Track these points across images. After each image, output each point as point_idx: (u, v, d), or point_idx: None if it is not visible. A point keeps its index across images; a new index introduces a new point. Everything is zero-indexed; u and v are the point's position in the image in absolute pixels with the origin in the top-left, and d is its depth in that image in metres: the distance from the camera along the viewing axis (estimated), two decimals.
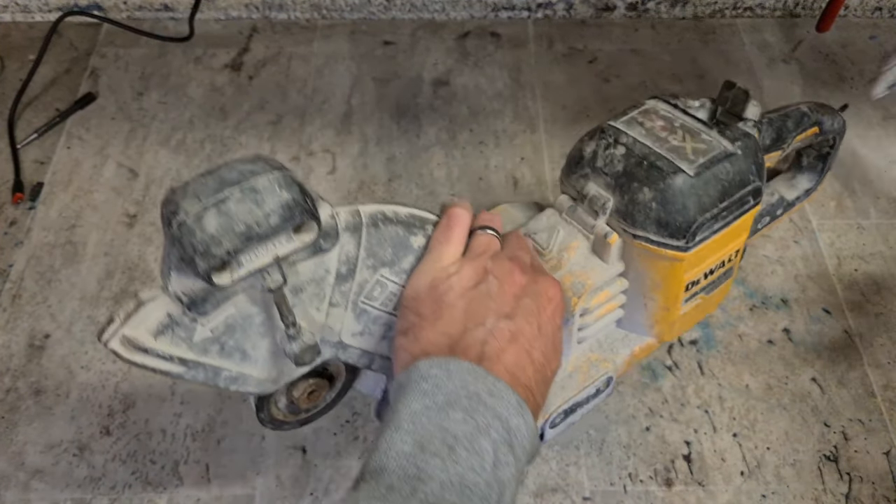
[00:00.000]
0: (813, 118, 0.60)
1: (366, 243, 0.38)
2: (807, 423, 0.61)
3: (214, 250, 0.31)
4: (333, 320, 0.39)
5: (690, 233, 0.48)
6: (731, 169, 0.48)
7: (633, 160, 0.49)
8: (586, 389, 0.52)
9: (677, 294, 0.53)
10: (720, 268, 0.55)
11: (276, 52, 0.90)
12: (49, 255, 0.71)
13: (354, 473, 0.58)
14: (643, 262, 0.51)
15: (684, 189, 0.47)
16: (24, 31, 0.92)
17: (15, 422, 0.61)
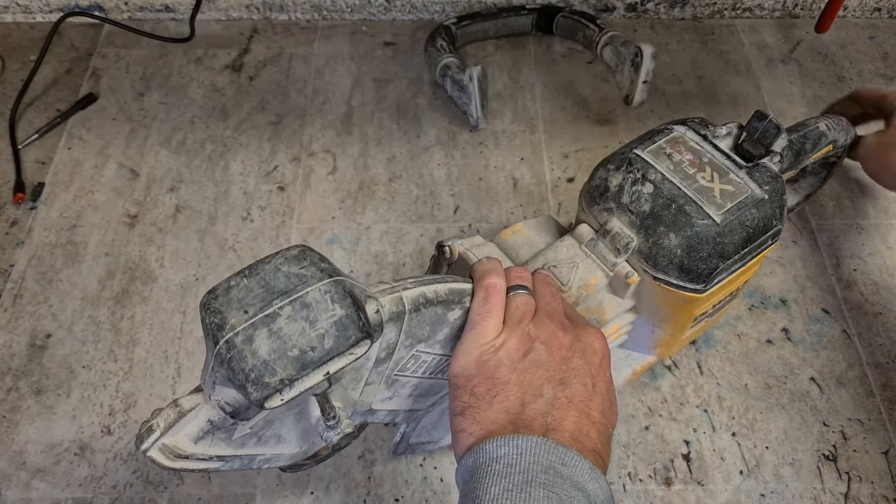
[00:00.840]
0: (830, 137, 0.59)
1: (406, 328, 0.37)
2: (806, 422, 0.61)
3: (268, 379, 0.29)
4: (367, 396, 0.39)
5: (710, 278, 0.48)
6: (757, 215, 0.48)
7: (661, 201, 0.48)
8: None
9: (686, 324, 0.54)
10: (729, 298, 0.55)
11: (277, 53, 0.90)
12: (50, 255, 0.71)
13: (355, 473, 0.58)
14: (658, 298, 0.51)
15: (710, 238, 0.47)
16: (25, 31, 0.92)
17: (16, 421, 0.61)
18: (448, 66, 0.79)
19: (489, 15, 0.89)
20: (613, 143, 0.81)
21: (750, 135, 0.50)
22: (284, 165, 0.79)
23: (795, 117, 0.84)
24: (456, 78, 0.78)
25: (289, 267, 0.32)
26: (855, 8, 0.94)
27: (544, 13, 0.88)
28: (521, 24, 0.89)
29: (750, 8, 0.94)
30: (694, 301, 0.50)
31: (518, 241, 0.54)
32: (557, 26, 0.88)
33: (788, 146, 0.54)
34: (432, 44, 0.84)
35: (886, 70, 0.89)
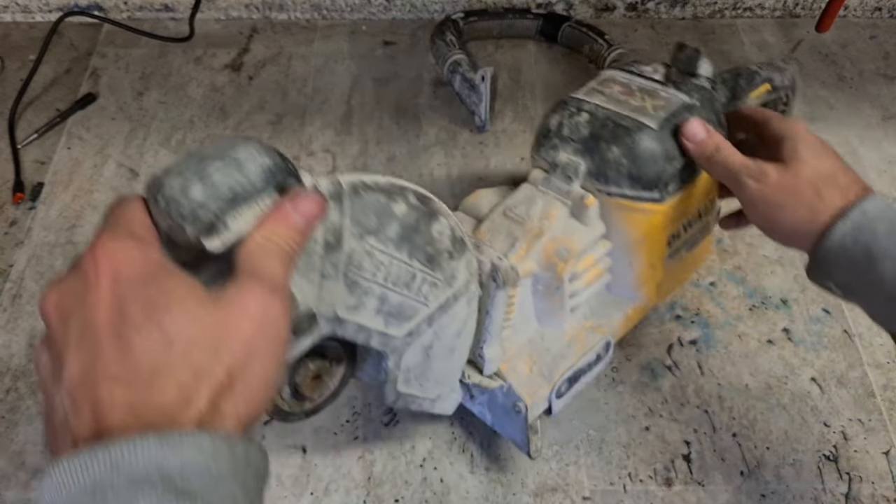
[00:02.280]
0: (763, 75, 0.62)
1: (349, 211, 0.38)
2: (806, 422, 0.61)
3: (201, 214, 0.31)
4: (327, 293, 0.39)
5: (663, 183, 0.50)
6: (691, 117, 0.51)
7: (598, 123, 0.51)
8: (586, 356, 0.53)
9: (660, 250, 0.54)
10: (697, 220, 0.56)
11: (277, 53, 0.90)
12: (49, 255, 0.71)
13: (354, 473, 0.58)
14: (622, 220, 0.52)
15: (651, 141, 0.49)
16: (24, 31, 0.92)
17: (15, 421, 0.61)
18: (458, 62, 0.78)
19: (496, 14, 0.89)
20: None
21: (676, 66, 0.54)
22: None
23: (796, 117, 0.84)
24: (467, 76, 0.77)
25: (223, 142, 0.34)
26: (856, 7, 0.94)
27: (551, 20, 0.87)
28: (525, 28, 0.89)
29: (751, 7, 0.94)
30: (656, 215, 0.51)
31: (480, 202, 0.56)
32: (563, 35, 0.87)
33: (722, 82, 0.58)
34: (441, 37, 0.83)
35: (887, 69, 0.89)
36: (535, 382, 0.52)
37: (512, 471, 0.58)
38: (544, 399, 0.52)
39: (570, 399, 0.54)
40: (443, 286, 0.45)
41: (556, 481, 0.58)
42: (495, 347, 0.51)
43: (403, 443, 0.60)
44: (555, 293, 0.52)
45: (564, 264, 0.50)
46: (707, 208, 0.56)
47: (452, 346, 0.48)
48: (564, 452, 0.59)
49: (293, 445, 0.60)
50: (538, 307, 0.55)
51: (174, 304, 0.27)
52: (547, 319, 0.55)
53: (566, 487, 0.57)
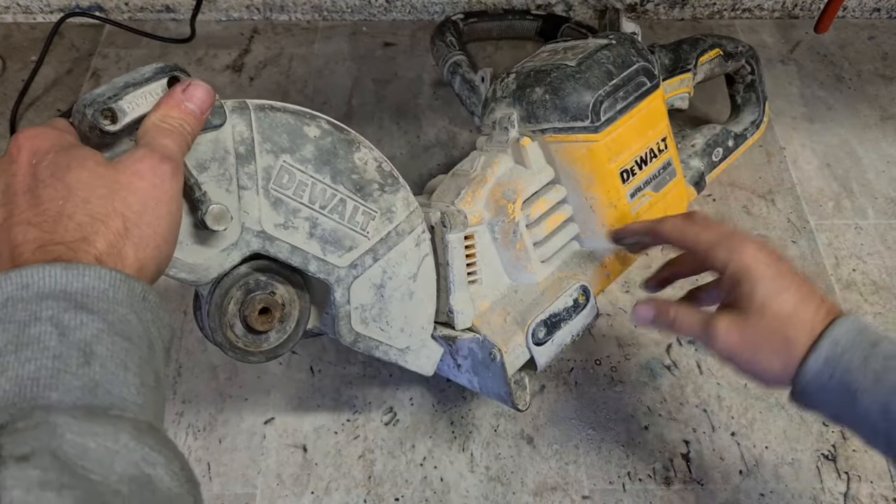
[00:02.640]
0: (709, 41, 0.66)
1: (257, 126, 0.41)
2: (805, 422, 0.61)
3: (98, 99, 0.35)
4: (247, 205, 0.41)
5: (592, 111, 0.52)
6: (609, 54, 0.54)
7: (523, 76, 0.55)
8: (561, 299, 0.53)
9: (614, 186, 0.54)
10: (653, 157, 0.56)
11: (277, 54, 0.90)
12: None
13: (355, 472, 0.58)
14: (565, 159, 0.54)
15: (570, 76, 0.53)
16: (25, 31, 0.92)
17: None
18: (458, 63, 0.79)
19: (496, 15, 0.89)
20: None
21: (601, 29, 0.58)
22: None
23: (794, 118, 0.84)
24: (467, 77, 0.78)
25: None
26: (854, 8, 0.94)
27: (550, 21, 0.88)
28: (525, 29, 0.89)
29: (749, 8, 0.94)
30: (596, 144, 0.53)
31: (439, 182, 0.59)
32: (562, 36, 0.87)
33: (662, 48, 0.63)
34: (441, 38, 0.83)
35: (885, 70, 0.89)
36: (508, 330, 0.52)
37: (512, 470, 0.59)
38: (521, 346, 0.52)
39: (554, 350, 0.53)
40: (381, 219, 0.47)
41: (555, 480, 0.58)
42: (463, 299, 0.52)
43: (404, 442, 0.60)
44: (513, 239, 0.53)
45: (514, 205, 0.52)
46: (661, 148, 0.57)
47: (409, 290, 0.49)
48: (564, 451, 0.59)
49: (294, 444, 0.60)
50: (504, 259, 0.55)
51: (76, 165, 0.32)
52: (517, 273, 0.55)
53: (566, 486, 0.58)
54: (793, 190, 0.77)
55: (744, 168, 0.79)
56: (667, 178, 0.58)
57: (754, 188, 0.77)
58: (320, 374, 0.64)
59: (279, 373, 0.64)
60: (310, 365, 0.64)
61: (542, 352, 0.53)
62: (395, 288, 0.49)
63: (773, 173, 0.79)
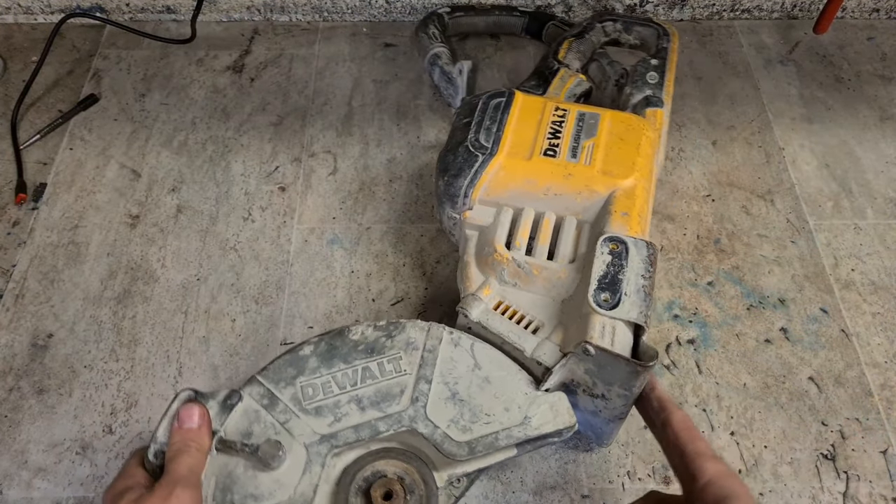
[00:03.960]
0: (556, 43, 0.76)
1: (266, 380, 0.49)
2: (804, 421, 0.62)
3: (149, 450, 0.45)
4: (297, 429, 0.47)
5: (476, 146, 0.60)
6: (458, 119, 0.64)
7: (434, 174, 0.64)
8: (597, 263, 0.53)
9: (545, 163, 0.60)
10: (561, 123, 0.62)
11: (278, 54, 0.90)
12: (52, 256, 0.72)
13: None
14: (499, 191, 0.60)
15: (443, 159, 0.62)
16: (26, 32, 0.92)
17: (18, 421, 0.61)
18: (438, 55, 0.80)
19: (482, 10, 0.89)
20: None
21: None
22: (285, 166, 0.79)
23: (794, 118, 0.84)
24: (445, 69, 0.79)
25: None
26: (853, 9, 0.94)
27: (536, 18, 0.88)
28: (512, 25, 0.89)
29: (748, 9, 0.94)
30: (505, 162, 0.59)
31: None
32: (546, 34, 0.87)
33: (532, 74, 0.74)
34: (424, 30, 0.84)
35: (885, 70, 0.89)
36: (582, 326, 0.50)
37: (511, 469, 0.59)
38: (606, 326, 0.49)
39: (638, 298, 0.50)
40: (407, 354, 0.50)
41: (555, 479, 0.58)
42: (534, 345, 0.51)
43: None
44: (526, 272, 0.56)
45: (498, 253, 0.56)
46: (561, 115, 0.62)
47: (481, 377, 0.50)
48: (564, 451, 0.60)
49: None
50: (538, 291, 0.56)
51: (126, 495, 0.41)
52: (557, 290, 0.55)
53: (565, 486, 0.58)
54: (792, 190, 0.78)
55: (743, 168, 0.79)
56: (591, 121, 0.62)
57: (753, 188, 0.78)
58: None
59: None
60: None
61: (626, 307, 0.49)
62: (466, 386, 0.49)
63: (772, 173, 0.79)
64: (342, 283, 0.70)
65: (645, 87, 0.69)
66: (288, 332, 0.66)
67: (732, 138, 0.82)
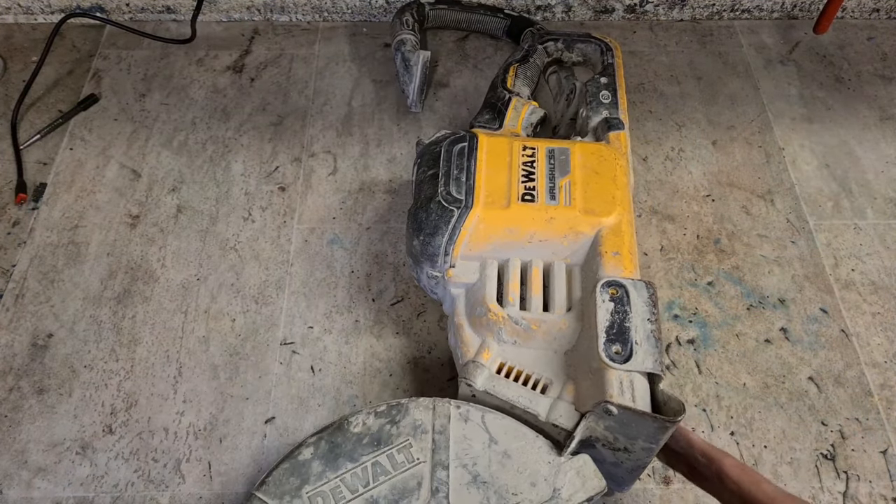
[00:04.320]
0: (501, 69, 0.75)
1: (267, 495, 0.46)
2: (804, 421, 0.62)
3: None
4: None
5: (449, 199, 0.57)
6: (419, 168, 0.62)
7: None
8: (601, 312, 0.52)
9: (523, 210, 0.57)
10: (532, 164, 0.59)
11: (278, 55, 0.90)
12: (52, 255, 0.72)
13: None
14: (480, 244, 0.57)
15: (413, 216, 0.59)
16: (26, 32, 0.92)
17: (18, 420, 0.61)
18: (403, 41, 0.82)
19: (466, 6, 0.89)
20: None
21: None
22: (285, 166, 0.79)
23: (794, 118, 0.84)
24: (406, 56, 0.81)
25: None
26: (853, 9, 0.94)
27: (517, 23, 0.87)
28: (493, 26, 0.89)
29: (749, 9, 0.94)
30: (483, 214, 0.57)
31: None
32: (523, 39, 0.87)
33: (482, 108, 0.71)
34: (399, 16, 0.86)
35: (885, 70, 0.89)
36: (598, 385, 0.49)
37: None
38: (623, 380, 0.47)
39: (653, 349, 0.49)
40: (417, 439, 0.47)
41: None
42: (548, 407, 0.49)
43: None
44: (524, 328, 0.53)
45: (491, 312, 0.54)
46: (530, 153, 0.59)
47: (500, 451, 0.47)
48: None
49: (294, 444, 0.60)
50: (539, 345, 0.54)
51: None
52: (559, 342, 0.54)
53: None
54: (792, 190, 0.78)
55: (743, 168, 0.79)
56: (562, 157, 0.60)
57: (753, 188, 0.78)
58: (321, 373, 0.64)
59: (280, 373, 0.64)
60: (311, 364, 0.65)
61: (640, 357, 0.48)
62: (486, 465, 0.46)
63: (773, 174, 0.79)
64: (342, 283, 0.70)
65: (601, 107, 0.67)
66: (288, 332, 0.66)
67: (732, 138, 0.82)
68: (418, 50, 0.80)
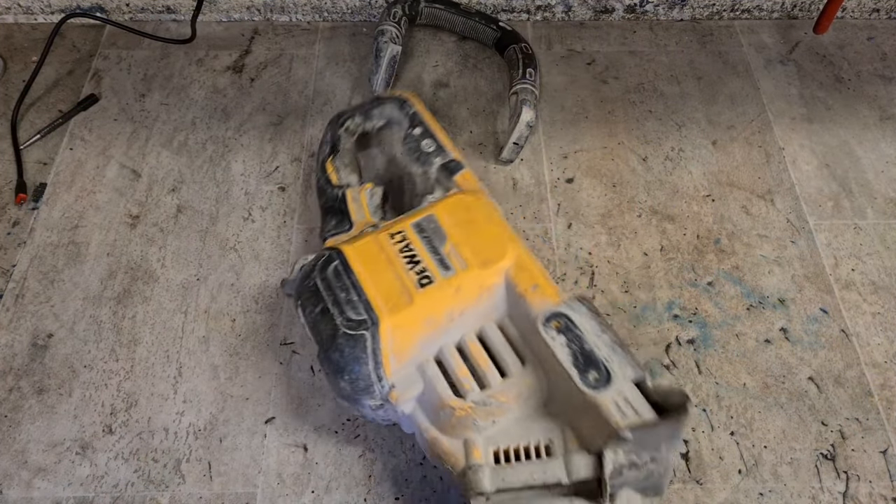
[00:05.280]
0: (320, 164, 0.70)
1: None
2: (804, 421, 0.62)
3: None
4: None
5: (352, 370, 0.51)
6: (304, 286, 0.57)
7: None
8: (561, 353, 0.50)
9: (432, 303, 0.53)
10: (409, 251, 0.55)
11: (278, 54, 0.90)
12: (52, 255, 0.72)
13: (355, 471, 0.58)
14: (401, 354, 0.52)
15: (324, 352, 0.53)
16: (26, 32, 0.92)
17: (18, 420, 0.61)
18: (383, 32, 0.83)
19: (462, 11, 0.89)
20: (612, 144, 0.81)
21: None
22: (285, 166, 0.79)
23: (794, 118, 0.84)
24: (380, 46, 0.82)
25: None
26: (853, 9, 0.94)
27: (506, 37, 0.87)
28: (485, 35, 0.89)
29: (748, 9, 0.94)
30: (386, 324, 0.51)
31: None
32: (506, 54, 0.87)
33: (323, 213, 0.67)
34: (390, 8, 0.86)
35: (885, 70, 0.89)
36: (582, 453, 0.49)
37: None
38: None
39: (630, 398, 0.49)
40: None
41: None
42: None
43: (404, 441, 0.60)
44: (468, 421, 0.52)
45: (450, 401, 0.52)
46: (403, 238, 0.56)
47: None
48: None
49: (294, 444, 0.60)
50: (519, 417, 0.52)
51: None
52: (524, 408, 0.53)
53: None
54: (792, 190, 0.78)
55: (743, 168, 0.79)
56: (431, 225, 0.56)
57: (753, 188, 0.78)
58: (321, 373, 0.64)
59: (280, 372, 0.64)
60: (311, 364, 0.65)
61: (618, 372, 0.48)
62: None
63: (773, 173, 0.79)
64: None
65: (430, 157, 0.66)
66: (288, 332, 0.66)
67: (732, 138, 0.82)
68: (391, 44, 0.80)
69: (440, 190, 0.63)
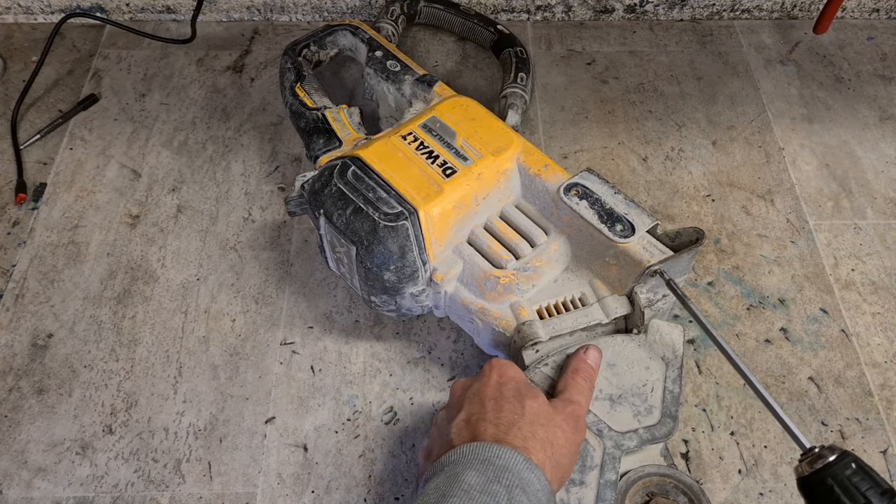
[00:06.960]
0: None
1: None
2: (804, 421, 0.62)
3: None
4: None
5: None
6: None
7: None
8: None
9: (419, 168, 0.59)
10: (426, 148, 0.60)
11: (278, 54, 0.90)
12: (52, 255, 0.72)
13: (355, 472, 0.58)
14: None
15: (361, 264, 0.57)
16: (26, 32, 0.92)
17: (18, 420, 0.61)
18: (378, 29, 0.85)
19: (462, 12, 0.89)
20: (612, 144, 0.81)
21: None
22: (285, 166, 0.79)
23: (794, 118, 0.84)
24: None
25: None
26: (853, 9, 0.94)
27: (502, 40, 0.87)
28: (483, 37, 0.89)
29: (748, 9, 0.94)
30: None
31: None
32: (501, 57, 0.87)
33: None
34: (388, 6, 0.87)
35: (885, 70, 0.89)
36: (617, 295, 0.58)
37: None
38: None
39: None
40: None
41: None
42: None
43: (404, 441, 0.60)
44: (496, 287, 0.58)
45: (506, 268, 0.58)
46: (427, 145, 0.60)
47: (606, 368, 0.53)
48: None
49: (294, 444, 0.60)
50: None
51: (530, 396, 0.46)
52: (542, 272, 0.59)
53: None
54: (792, 190, 0.78)
55: (743, 168, 0.79)
56: (437, 125, 0.62)
57: (753, 188, 0.78)
58: (321, 373, 0.64)
59: (280, 372, 0.64)
60: (311, 364, 0.65)
61: (638, 222, 0.56)
62: (608, 385, 0.52)
63: (773, 173, 0.79)
64: (342, 283, 0.70)
65: (400, 75, 0.70)
66: (288, 333, 0.66)
67: (732, 138, 0.82)
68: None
69: (419, 103, 0.68)
